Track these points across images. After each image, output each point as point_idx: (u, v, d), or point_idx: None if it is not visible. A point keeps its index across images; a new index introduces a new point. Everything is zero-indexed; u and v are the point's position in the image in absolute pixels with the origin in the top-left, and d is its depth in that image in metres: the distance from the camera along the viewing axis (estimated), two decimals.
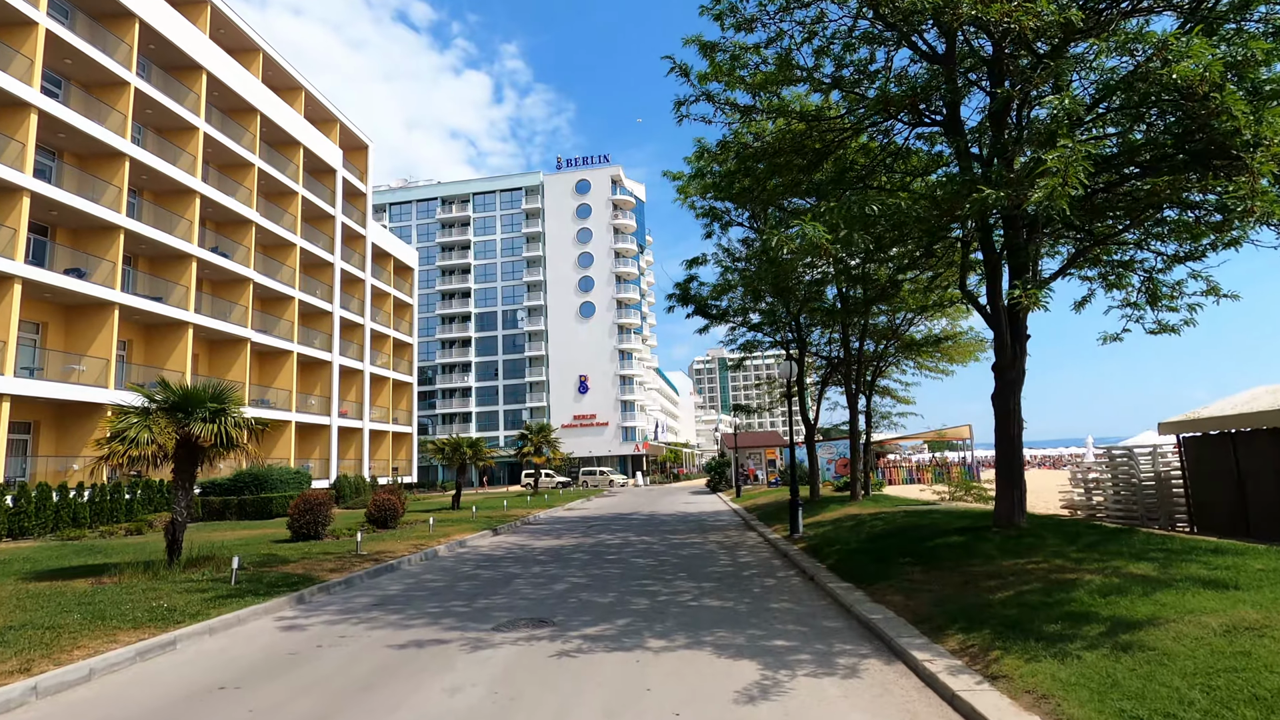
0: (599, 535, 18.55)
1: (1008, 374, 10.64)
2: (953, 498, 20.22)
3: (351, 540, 16.78)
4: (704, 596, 9.47)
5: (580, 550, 15.31)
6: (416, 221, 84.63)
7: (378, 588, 11.07)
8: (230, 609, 8.85)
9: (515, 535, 19.49)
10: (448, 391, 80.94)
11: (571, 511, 29.17)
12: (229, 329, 32.55)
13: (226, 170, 35.01)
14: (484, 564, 13.53)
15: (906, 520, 13.60)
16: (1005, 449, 10.62)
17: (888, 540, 11.51)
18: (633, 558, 13.77)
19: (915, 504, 18.89)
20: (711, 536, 17.51)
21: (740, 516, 23.53)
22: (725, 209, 22.82)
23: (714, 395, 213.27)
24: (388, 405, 49.09)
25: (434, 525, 20.37)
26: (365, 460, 44.65)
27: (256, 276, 34.74)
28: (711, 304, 23.30)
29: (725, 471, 45.80)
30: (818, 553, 12.32)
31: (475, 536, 18.32)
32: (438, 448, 28.15)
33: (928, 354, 20.96)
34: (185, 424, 12.27)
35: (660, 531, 19.12)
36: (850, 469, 20.74)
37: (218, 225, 34.91)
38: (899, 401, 23.58)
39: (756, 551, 14.30)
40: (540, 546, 16.29)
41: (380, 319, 49.24)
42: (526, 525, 22.91)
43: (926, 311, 19.23)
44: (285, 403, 37.08)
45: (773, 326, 22.99)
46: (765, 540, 16.02)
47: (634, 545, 15.96)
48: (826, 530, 15.07)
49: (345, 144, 46.52)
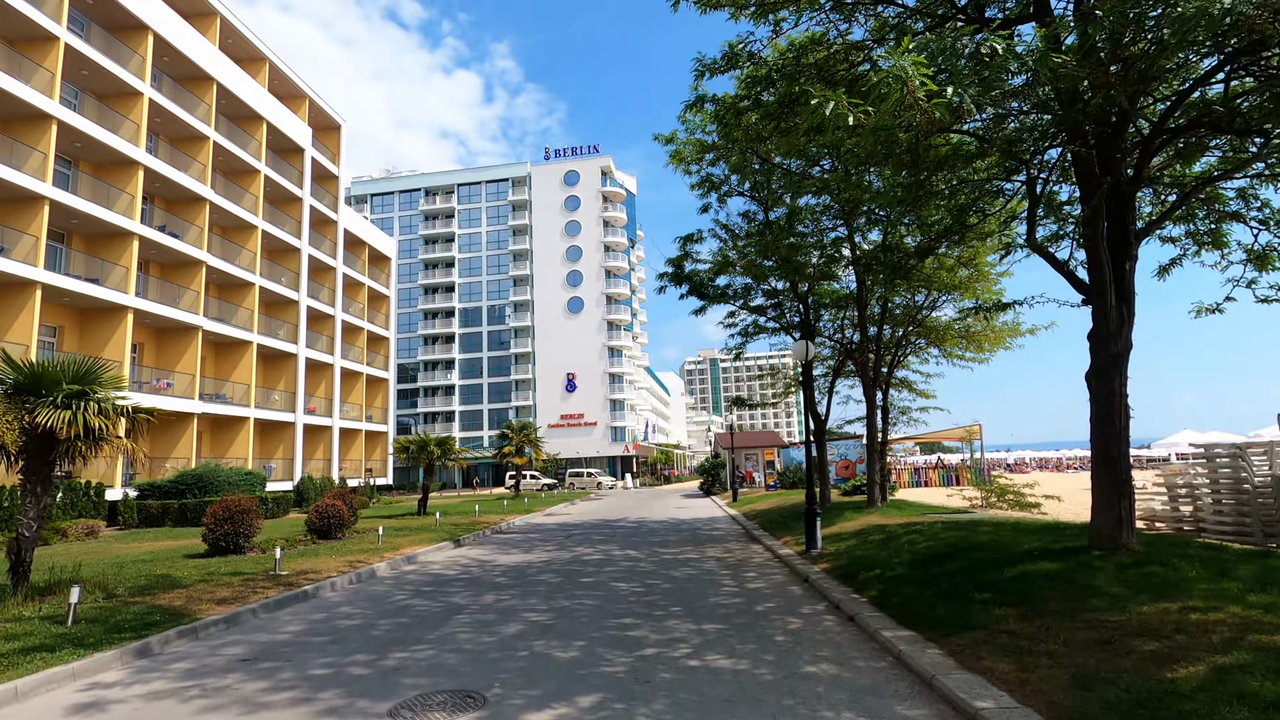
0: (577, 549, 15.80)
1: (1111, 344, 7.99)
2: (987, 504, 17.61)
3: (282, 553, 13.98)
4: (708, 649, 6.76)
5: (551, 570, 12.56)
6: (399, 213, 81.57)
7: (268, 628, 8.28)
8: (28, 668, 6.09)
9: (479, 548, 16.71)
10: (430, 389, 77.91)
11: (551, 518, 26.39)
12: (178, 315, 29.58)
13: (178, 143, 32.05)
14: (425, 590, 10.76)
15: (953, 535, 10.93)
16: (1108, 443, 7.97)
17: (944, 564, 8.82)
18: (614, 581, 11.03)
19: (945, 512, 16.27)
20: (709, 551, 14.80)
21: (740, 525, 20.84)
22: (724, 177, 20.23)
23: (705, 396, 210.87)
24: (361, 402, 46.12)
25: (385, 536, 17.56)
26: (334, 460, 41.67)
27: (211, 259, 31.77)
28: (710, 286, 20.66)
29: (719, 473, 43.11)
30: (850, 578, 9.63)
31: (430, 550, 15.53)
32: (401, 447, 25.32)
33: (955, 340, 18.33)
34: (33, 411, 9.41)
35: (649, 544, 16.39)
36: (868, 471, 18.09)
37: (168, 203, 31.95)
38: (919, 395, 21.01)
39: (767, 573, 11.59)
40: (503, 564, 13.52)
41: (353, 310, 46.27)
42: (497, 535, 20.12)
43: (964, 283, 16.61)
44: (243, 397, 34.10)
45: (777, 310, 20.34)
46: (775, 557, 13.32)
47: (617, 563, 13.23)
48: (850, 545, 12.39)
49: (315, 123, 43.57)
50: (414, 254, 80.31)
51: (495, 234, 79.41)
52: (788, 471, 36.63)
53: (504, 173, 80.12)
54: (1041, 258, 9.81)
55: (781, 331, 21.85)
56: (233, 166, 35.18)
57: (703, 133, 18.83)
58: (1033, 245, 9.81)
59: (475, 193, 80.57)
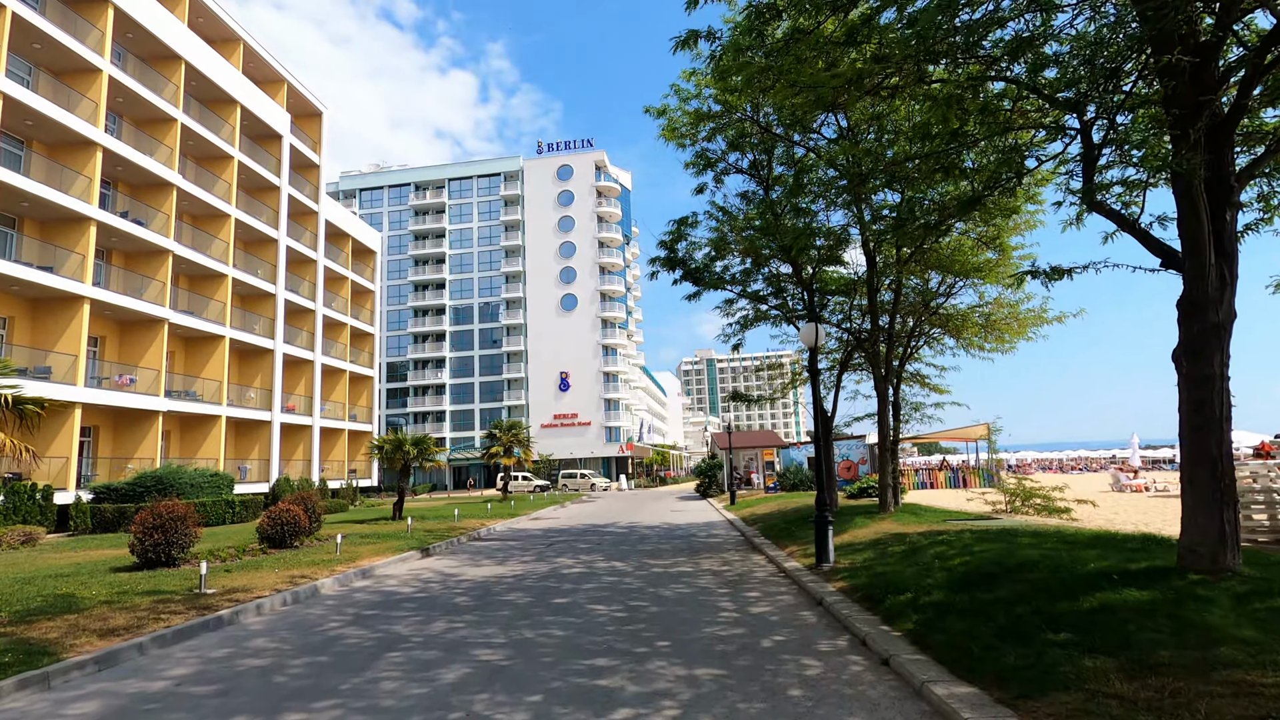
0: (557, 559, 14.11)
1: (1210, 312, 6.35)
2: (1011, 509, 15.98)
3: (216, 567, 12.28)
4: (700, 708, 5.09)
5: (522, 586, 10.87)
6: (388, 208, 79.75)
7: (147, 672, 6.59)
8: None
9: (449, 558, 15.01)
10: (420, 389, 76.11)
11: (537, 522, 24.70)
12: (141, 307, 27.80)
13: (143, 125, 30.28)
14: (368, 614, 9.06)
15: (991, 549, 9.27)
16: (1205, 438, 6.32)
17: (994, 588, 7.16)
18: (591, 603, 9.35)
19: (967, 518, 14.63)
20: (705, 562, 13.12)
21: (739, 530, 19.18)
22: (720, 154, 18.60)
23: (702, 397, 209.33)
24: (344, 400, 44.34)
25: (347, 544, 15.88)
26: (315, 461, 39.89)
27: (178, 248, 30.01)
28: (706, 272, 18.99)
29: (716, 474, 41.44)
30: (874, 602, 7.96)
31: (392, 561, 13.83)
32: (376, 446, 23.58)
33: (975, 328, 16.65)
34: None
35: (638, 553, 14.72)
36: (880, 473, 16.44)
37: (132, 189, 30.18)
38: (933, 390, 19.34)
39: (771, 591, 9.92)
40: (469, 579, 11.83)
41: (336, 305, 44.50)
42: (474, 542, 18.43)
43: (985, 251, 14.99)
44: (215, 395, 32.33)
45: (779, 296, 18.69)
46: (780, 570, 11.66)
47: (599, 577, 11.55)
48: (868, 558, 10.73)
49: (295, 109, 41.81)
50: (404, 250, 78.52)
51: (487, 229, 77.66)
52: (788, 473, 34.99)
53: (496, 167, 78.37)
54: (1104, 216, 8.16)
55: (783, 321, 20.20)
56: (204, 152, 33.42)
57: (698, 100, 17.20)
58: (1091, 202, 8.16)
59: (466, 187, 78.81)
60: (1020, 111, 9.22)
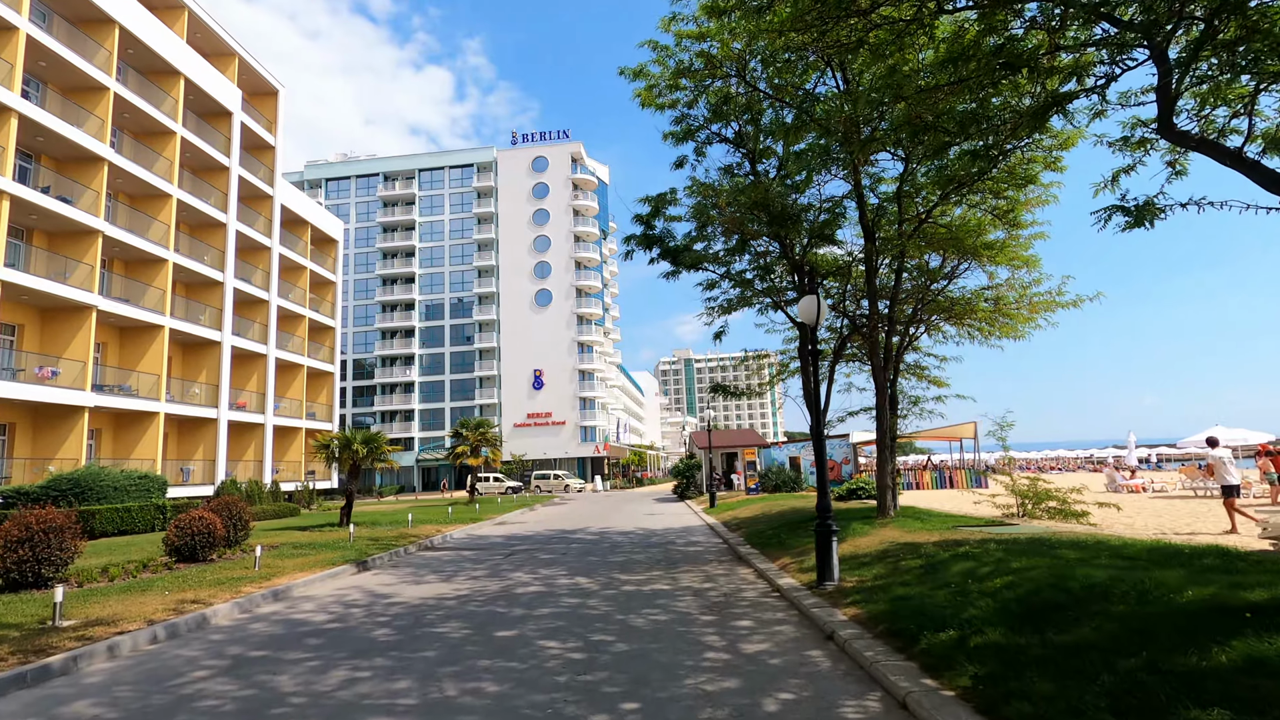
0: (513, 574, 12.15)
1: None
2: (1025, 513, 14.36)
3: (96, 589, 10.16)
4: None
5: (462, 612, 8.92)
6: (356, 199, 76.90)
7: None
8: None
9: (388, 573, 12.97)
10: (388, 386, 73.40)
11: (501, 527, 22.68)
12: (64, 292, 25.25)
13: (70, 93, 27.68)
14: (251, 658, 7.05)
15: (1039, 569, 7.53)
16: None
17: (1071, 625, 5.38)
18: (544, 637, 7.44)
19: (979, 524, 12.97)
20: (685, 578, 11.27)
21: (720, 537, 17.38)
22: (703, 121, 16.81)
23: (680, 398, 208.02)
24: (301, 398, 41.80)
25: (272, 557, 13.80)
26: (267, 461, 37.36)
27: (109, 229, 27.46)
28: (686, 252, 17.17)
29: (695, 475, 39.68)
30: (904, 639, 6.15)
31: (318, 578, 11.78)
32: (321, 445, 21.37)
33: (985, 314, 14.97)
34: None
35: (608, 566, 12.82)
36: (878, 473, 14.72)
37: (57, 163, 27.57)
38: (932, 383, 17.69)
39: (767, 619, 8.08)
40: (403, 602, 9.84)
41: (293, 296, 41.95)
42: (424, 552, 16.39)
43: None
44: (153, 389, 29.77)
45: (765, 277, 16.93)
46: (774, 589, 9.84)
47: (558, 599, 9.63)
48: (880, 575, 8.96)
49: (248, 86, 39.22)
50: (371, 243, 75.77)
51: (459, 222, 75.20)
52: (769, 473, 33.34)
53: (468, 158, 75.93)
54: (1195, 150, 6.46)
55: (771, 308, 18.45)
56: (143, 126, 30.86)
57: (679, 48, 15.29)
58: (1171, 134, 6.47)
59: (438, 178, 76.26)
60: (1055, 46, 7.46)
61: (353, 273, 74.75)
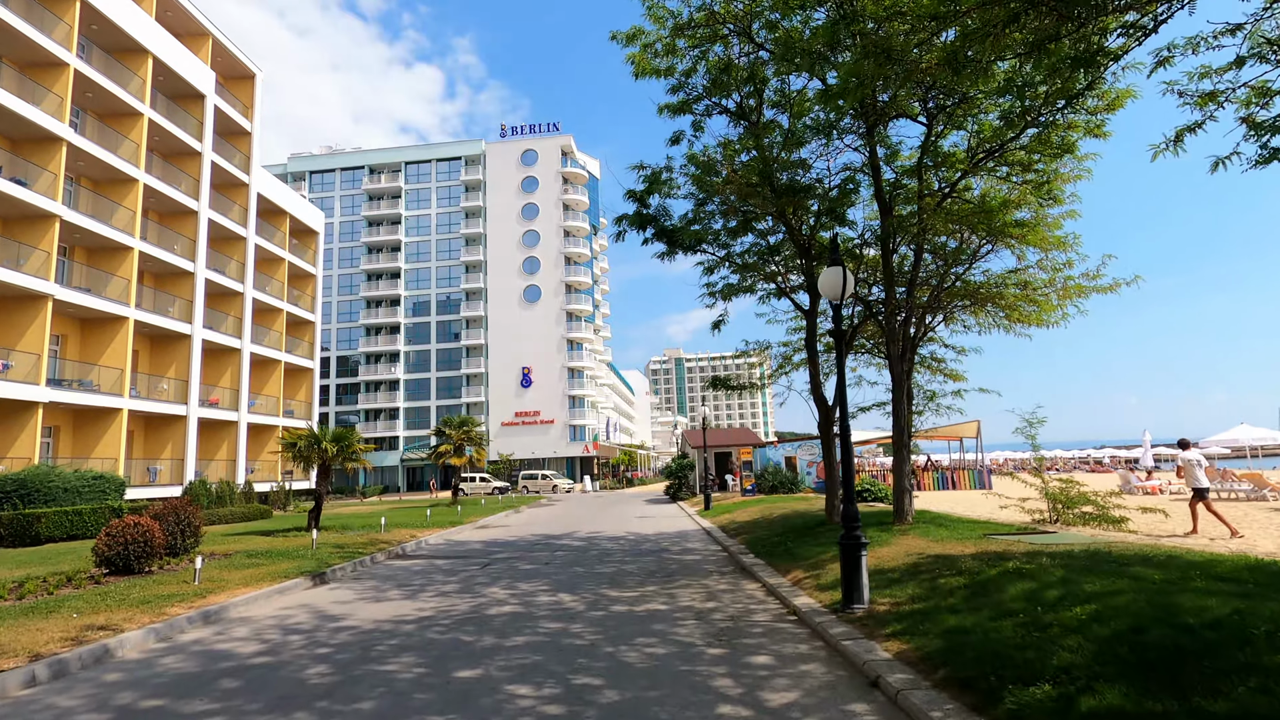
0: (488, 589, 10.70)
1: None
2: (1060, 520, 13.04)
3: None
4: None
5: (419, 642, 7.47)
6: (340, 192, 75.05)
7: None
8: None
9: (347, 587, 11.47)
10: (373, 384, 71.62)
11: (483, 531, 21.21)
12: (17, 280, 23.55)
13: (27, 70, 25.98)
14: (135, 712, 5.58)
15: (1125, 594, 6.19)
16: None
17: (1219, 681, 4.01)
18: (513, 680, 5.99)
19: (1013, 531, 11.63)
20: (684, 594, 9.85)
21: (719, 543, 15.98)
22: (701, 90, 15.38)
23: (670, 397, 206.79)
24: (278, 394, 40.11)
25: (217, 569, 12.32)
26: (240, 461, 35.68)
27: (68, 214, 25.77)
28: (684, 234, 15.76)
29: (688, 476, 38.29)
30: (980, 695, 4.74)
31: (264, 594, 10.28)
32: (288, 442, 19.81)
33: (1017, 298, 13.58)
34: None
35: (595, 578, 11.39)
36: (895, 475, 13.34)
37: (12, 143, 25.88)
38: (949, 377, 16.37)
39: (788, 654, 6.67)
40: (352, 627, 8.37)
41: (271, 289, 40.25)
42: (394, 560, 14.90)
43: None
44: (115, 384, 28.07)
45: (769, 259, 15.56)
46: (788, 610, 8.44)
47: (536, 623, 8.19)
48: (917, 596, 7.57)
49: (222, 69, 37.50)
50: (356, 237, 73.97)
51: (446, 216, 73.51)
52: (766, 473, 32.00)
53: (456, 150, 74.26)
54: None
55: (776, 295, 17.08)
56: (107, 107, 29.17)
57: (675, 14, 13.87)
58: None
59: (424, 171, 74.54)
60: None
61: (337, 268, 72.93)
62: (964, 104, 12.03)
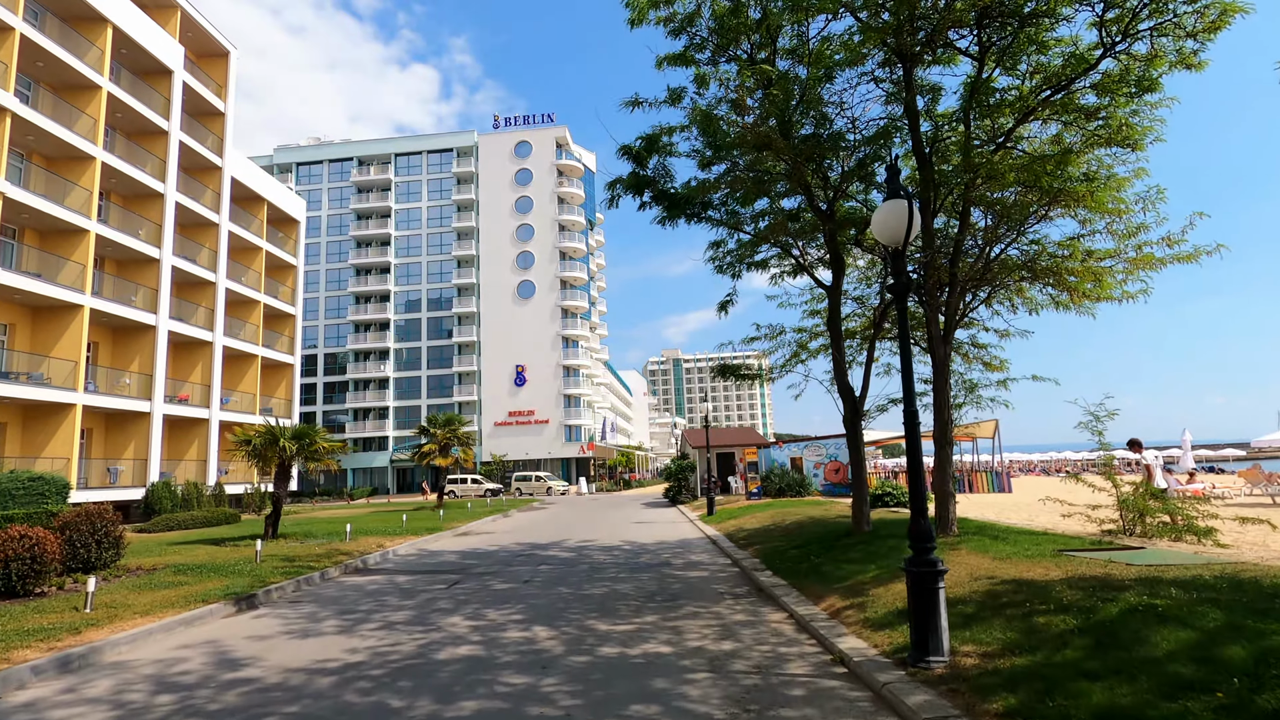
0: (446, 619, 8.59)
1: None
2: (1138, 528, 10.96)
3: None
4: None
5: (326, 709, 5.36)
6: (328, 185, 72.86)
7: None
8: None
9: (277, 614, 9.34)
10: (362, 383, 69.41)
11: (463, 539, 19.10)
12: None
13: None
14: None
15: None
16: None
17: None
18: None
19: (1091, 546, 9.54)
20: (691, 629, 7.76)
21: (727, 555, 13.89)
22: (705, 36, 13.37)
23: (669, 398, 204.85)
24: (254, 391, 37.93)
25: (122, 589, 10.22)
26: (212, 461, 33.51)
27: (12, 190, 23.61)
28: (685, 202, 13.68)
29: (688, 478, 36.18)
30: None
31: (167, 624, 8.18)
32: (241, 440, 17.67)
33: (1080, 271, 11.43)
34: None
35: (582, 604, 9.28)
36: (937, 477, 11.24)
37: None
38: (990, 368, 14.29)
39: None
40: (251, 679, 6.25)
41: (246, 279, 38.05)
42: (349, 575, 12.78)
43: None
44: (69, 378, 25.91)
45: (790, 224, 13.48)
46: (833, 658, 6.36)
47: (496, 673, 6.09)
48: (1015, 645, 5.49)
49: (192, 44, 35.33)
50: (344, 231, 71.79)
51: (437, 210, 71.36)
52: (772, 475, 29.90)
53: (447, 142, 72.14)
54: None
55: (792, 273, 15.01)
56: (60, 78, 27.01)
57: None
58: None
59: (415, 163, 72.39)
60: None
61: (324, 263, 70.75)
62: (1026, 28, 9.99)
